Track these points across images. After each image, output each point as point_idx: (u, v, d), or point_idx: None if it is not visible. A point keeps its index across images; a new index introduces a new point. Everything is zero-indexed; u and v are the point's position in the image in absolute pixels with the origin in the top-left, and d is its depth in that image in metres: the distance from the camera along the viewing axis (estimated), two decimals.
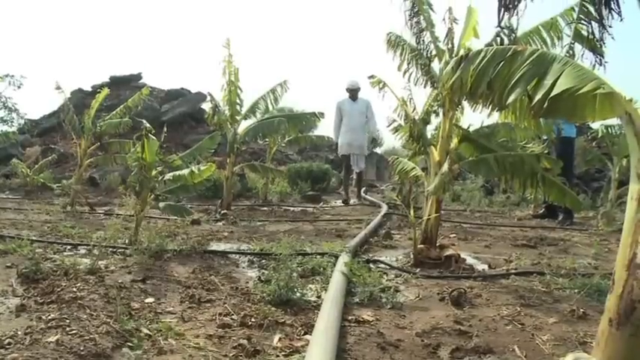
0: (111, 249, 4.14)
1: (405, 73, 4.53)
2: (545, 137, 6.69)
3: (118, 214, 6.83)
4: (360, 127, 10.34)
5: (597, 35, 2.74)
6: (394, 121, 5.09)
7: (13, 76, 13.74)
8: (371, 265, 3.84)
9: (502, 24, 2.25)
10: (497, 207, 9.78)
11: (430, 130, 4.92)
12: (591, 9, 2.87)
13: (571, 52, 3.16)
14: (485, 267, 4.13)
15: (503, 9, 1.77)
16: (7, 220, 5.98)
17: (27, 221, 5.97)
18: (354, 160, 10.47)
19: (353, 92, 10.24)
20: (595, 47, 2.75)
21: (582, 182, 10.93)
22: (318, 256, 3.93)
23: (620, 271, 1.74)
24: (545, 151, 6.80)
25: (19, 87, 13.83)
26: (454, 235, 5.84)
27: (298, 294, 2.87)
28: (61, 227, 5.36)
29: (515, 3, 1.76)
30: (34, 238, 4.49)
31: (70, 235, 4.93)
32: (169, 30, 76.38)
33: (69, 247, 4.40)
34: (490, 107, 2.36)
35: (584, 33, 2.95)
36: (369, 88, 5.07)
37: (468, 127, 4.29)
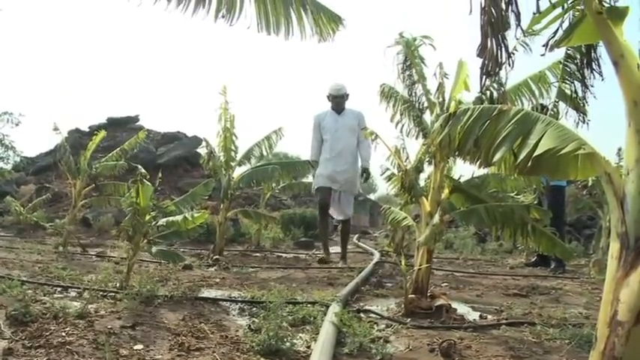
0: (101, 293, 4.13)
1: (397, 124, 4.66)
2: (535, 187, 6.80)
3: (110, 257, 6.80)
4: (349, 152, 7.22)
5: (580, 94, 2.86)
6: (387, 169, 5.17)
7: (11, 113, 13.93)
8: (361, 315, 3.83)
9: (485, 86, 2.36)
10: (490, 255, 9.79)
11: (423, 178, 5.00)
12: (574, 68, 3.00)
13: (555, 109, 3.28)
14: (477, 317, 4.13)
15: (485, 76, 1.88)
16: None
17: (18, 260, 5.93)
18: (337, 201, 7.35)
19: (338, 100, 7.28)
20: (578, 106, 2.87)
21: (574, 230, 11.01)
22: (308, 305, 3.92)
23: (602, 328, 1.77)
24: (536, 201, 6.94)
25: (16, 125, 14.00)
26: (446, 284, 5.83)
27: (288, 344, 2.86)
28: (52, 268, 5.32)
29: (497, 70, 1.86)
30: (24, 278, 4.47)
31: (61, 276, 4.89)
32: (168, 74, 78.00)
33: (59, 289, 4.37)
34: (477, 164, 2.44)
35: (568, 92, 3.07)
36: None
37: (459, 178, 4.36)
